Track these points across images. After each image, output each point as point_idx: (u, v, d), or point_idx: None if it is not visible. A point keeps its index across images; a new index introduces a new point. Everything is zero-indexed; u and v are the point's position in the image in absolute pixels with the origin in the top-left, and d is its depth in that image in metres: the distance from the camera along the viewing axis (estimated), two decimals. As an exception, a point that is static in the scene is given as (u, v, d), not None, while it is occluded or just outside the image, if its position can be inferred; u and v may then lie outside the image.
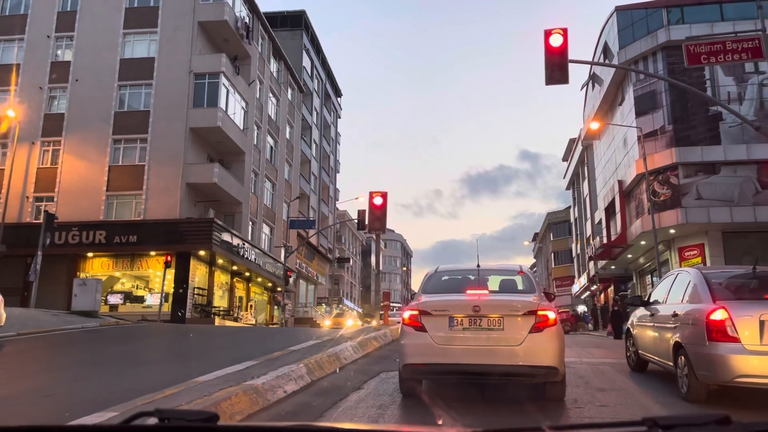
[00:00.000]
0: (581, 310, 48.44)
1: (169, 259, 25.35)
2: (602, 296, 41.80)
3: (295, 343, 10.67)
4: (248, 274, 34.31)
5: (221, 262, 30.23)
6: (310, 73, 50.54)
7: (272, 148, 39.52)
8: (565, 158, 58.22)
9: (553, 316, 5.83)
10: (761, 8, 13.78)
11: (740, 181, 25.84)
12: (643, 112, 28.74)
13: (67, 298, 23.20)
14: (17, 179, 28.41)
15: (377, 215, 17.52)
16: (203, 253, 28.05)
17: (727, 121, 26.27)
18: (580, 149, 47.12)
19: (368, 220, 18.07)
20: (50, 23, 31.49)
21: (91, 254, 28.30)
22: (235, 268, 32.21)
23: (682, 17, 28.53)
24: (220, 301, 31.43)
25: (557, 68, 12.16)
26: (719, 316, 6.03)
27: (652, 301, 8.39)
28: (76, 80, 30.30)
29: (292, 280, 38.79)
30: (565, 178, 58.04)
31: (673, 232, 26.99)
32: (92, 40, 30.81)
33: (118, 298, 28.16)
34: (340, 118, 63.80)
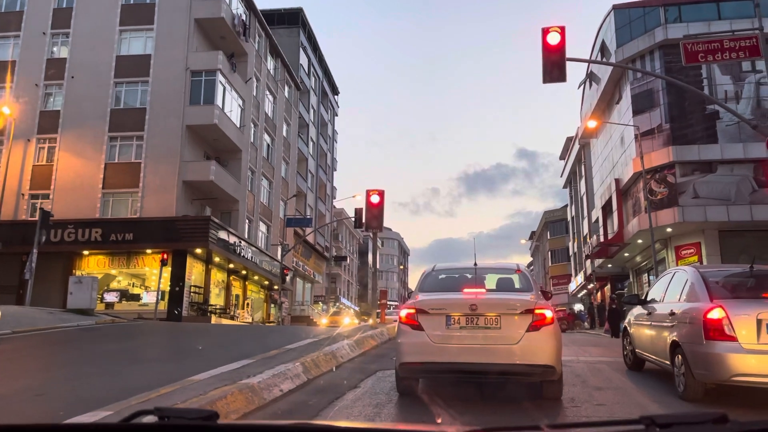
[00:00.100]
0: (578, 308, 48.53)
1: (165, 257, 25.29)
2: (599, 295, 41.85)
3: (291, 341, 10.63)
4: (245, 272, 34.25)
5: (218, 260, 30.17)
6: (307, 70, 50.45)
7: (269, 145, 39.44)
8: (562, 157, 58.30)
9: (550, 314, 5.82)
10: (759, 7, 13.78)
11: (737, 179, 25.89)
12: (640, 110, 28.76)
13: (62, 296, 23.12)
14: (13, 176, 28.33)
15: (374, 213, 17.47)
16: (200, 251, 28.00)
17: (724, 119, 26.31)
18: (577, 148, 47.15)
19: (365, 218, 18.02)
20: (46, 20, 31.35)
21: (87, 252, 28.22)
22: (231, 266, 32.15)
23: (679, 16, 28.55)
24: (216, 299, 31.36)
25: (555, 66, 12.13)
26: (716, 314, 6.02)
27: (649, 299, 8.38)
28: (72, 77, 30.19)
29: (288, 278, 38.74)
30: (562, 176, 58.11)
31: (669, 230, 27.02)
32: (88, 36, 30.68)
33: (114, 296, 28.08)
34: (337, 115, 63.74)
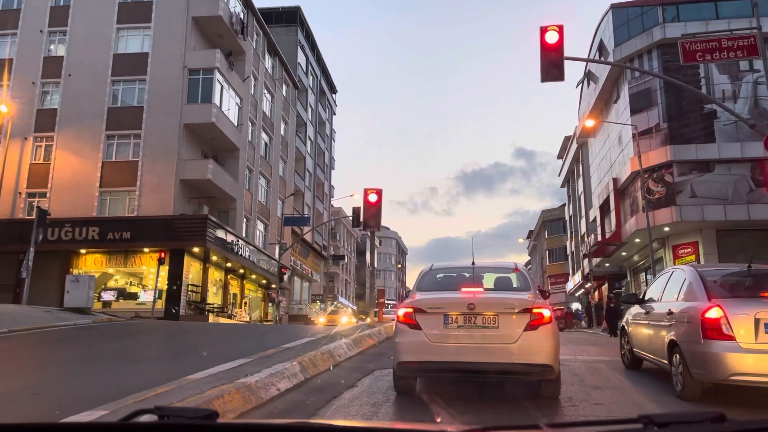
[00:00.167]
0: (575, 307, 48.58)
1: (162, 255, 25.25)
2: (596, 294, 41.90)
3: (289, 340, 10.60)
4: (242, 271, 34.21)
5: (215, 258, 30.12)
6: (305, 69, 50.38)
7: (267, 144, 39.38)
8: (560, 156, 58.32)
9: (548, 313, 5.81)
10: (757, 6, 13.78)
11: (734, 179, 25.92)
12: (638, 109, 28.77)
13: (59, 294, 23.05)
14: (9, 175, 28.24)
15: (372, 212, 17.44)
16: (197, 249, 27.95)
17: (721, 119, 26.33)
18: (575, 147, 47.17)
19: (363, 217, 17.97)
20: (43, 18, 31.26)
21: (84, 251, 28.16)
22: (229, 265, 32.11)
23: (677, 15, 28.57)
24: (214, 298, 31.33)
25: (553, 65, 12.12)
26: (714, 314, 6.01)
27: (647, 298, 8.38)
28: (69, 75, 30.11)
29: (286, 277, 38.69)
30: (560, 175, 58.13)
31: (667, 229, 27.05)
32: (85, 34, 30.60)
33: (111, 294, 28.05)
34: (335, 114, 63.69)
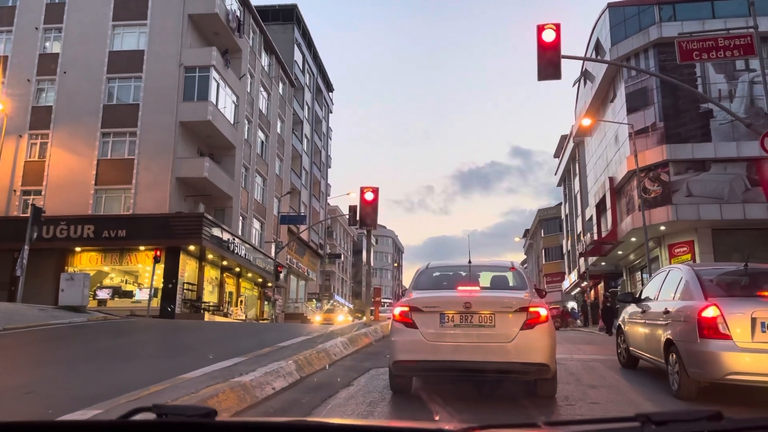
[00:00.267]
0: (571, 306, 48.66)
1: (158, 253, 25.18)
2: (592, 293, 41.97)
3: (284, 339, 10.57)
4: (238, 269, 34.16)
5: (211, 257, 30.06)
6: (301, 67, 50.30)
7: (263, 142, 39.30)
8: (556, 155, 58.37)
9: (544, 312, 5.79)
10: (753, 5, 13.79)
11: (730, 178, 25.96)
12: (634, 108, 28.80)
13: (54, 292, 22.98)
14: (4, 172, 28.15)
15: (368, 211, 17.43)
16: (193, 248, 27.88)
17: (717, 118, 26.37)
18: (571, 146, 47.23)
19: (360, 215, 17.96)
20: (39, 15, 31.10)
21: (79, 249, 28.05)
22: (225, 263, 32.05)
23: (674, 14, 28.59)
24: (209, 296, 31.27)
25: (550, 64, 12.09)
26: (711, 313, 6.01)
27: (643, 297, 8.37)
28: (64, 72, 29.98)
29: (282, 275, 38.65)
30: (556, 174, 58.22)
31: (663, 228, 27.10)
32: (81, 31, 30.45)
33: (106, 293, 27.96)
34: (331, 113, 63.61)
